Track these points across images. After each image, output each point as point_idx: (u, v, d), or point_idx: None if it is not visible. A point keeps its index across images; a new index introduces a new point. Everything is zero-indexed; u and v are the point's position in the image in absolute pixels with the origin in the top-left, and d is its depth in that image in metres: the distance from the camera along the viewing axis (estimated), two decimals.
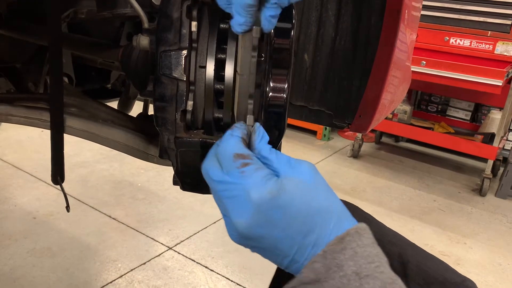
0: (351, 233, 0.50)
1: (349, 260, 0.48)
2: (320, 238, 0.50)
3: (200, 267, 2.14)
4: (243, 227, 0.49)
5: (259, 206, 0.49)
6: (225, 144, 0.53)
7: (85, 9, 0.96)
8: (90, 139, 0.93)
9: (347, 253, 0.48)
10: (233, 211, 0.50)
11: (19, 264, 2.04)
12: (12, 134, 3.40)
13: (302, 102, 1.24)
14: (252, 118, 0.58)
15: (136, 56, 0.83)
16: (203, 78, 0.62)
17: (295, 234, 0.50)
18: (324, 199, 0.52)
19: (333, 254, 0.48)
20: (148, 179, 2.95)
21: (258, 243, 0.51)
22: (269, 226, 0.49)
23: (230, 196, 0.50)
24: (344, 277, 0.47)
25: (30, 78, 1.17)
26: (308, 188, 0.51)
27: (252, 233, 0.50)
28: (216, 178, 0.51)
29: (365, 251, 0.49)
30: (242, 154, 0.51)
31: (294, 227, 0.50)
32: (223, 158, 0.52)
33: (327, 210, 0.51)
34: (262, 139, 0.55)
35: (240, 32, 0.56)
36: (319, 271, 0.48)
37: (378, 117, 1.17)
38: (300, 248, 0.50)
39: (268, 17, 0.55)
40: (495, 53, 3.06)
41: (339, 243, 0.49)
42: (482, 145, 3.26)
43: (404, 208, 2.93)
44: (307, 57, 1.20)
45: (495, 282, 2.27)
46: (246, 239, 0.51)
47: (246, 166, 0.50)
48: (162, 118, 0.64)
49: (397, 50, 1.07)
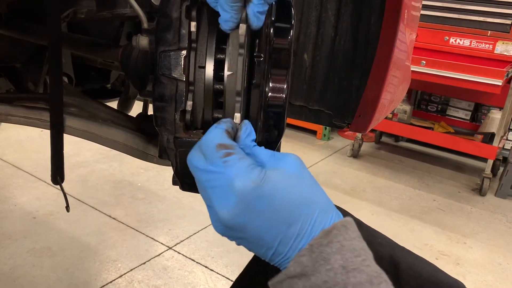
0: (337, 226, 0.50)
1: (336, 254, 0.48)
2: (304, 229, 0.50)
3: (200, 267, 2.14)
4: (227, 216, 0.49)
5: (243, 196, 0.49)
6: (208, 135, 0.53)
7: (84, 9, 0.96)
8: (89, 139, 0.93)
9: (333, 247, 0.48)
10: (217, 200, 0.50)
11: (19, 263, 2.04)
12: (12, 134, 3.40)
13: (301, 102, 1.24)
14: (239, 116, 0.58)
15: (135, 56, 0.83)
16: (203, 78, 0.62)
17: (278, 224, 0.49)
18: (308, 190, 0.52)
19: (319, 247, 0.48)
20: (148, 179, 2.95)
21: (242, 234, 0.51)
22: (252, 216, 0.49)
23: (213, 186, 0.50)
24: (331, 271, 0.47)
25: (30, 78, 1.17)
26: (293, 179, 0.51)
27: (236, 223, 0.50)
28: (200, 167, 0.51)
29: (351, 244, 0.49)
30: (225, 144, 0.52)
31: (277, 217, 0.49)
32: (206, 148, 0.52)
33: (311, 201, 0.51)
34: (248, 135, 0.55)
35: (227, 29, 0.56)
36: (306, 264, 0.48)
37: (377, 117, 1.17)
38: (283, 239, 0.50)
39: (255, 13, 0.54)
40: (495, 53, 3.06)
41: (325, 236, 0.49)
42: (482, 144, 3.26)
43: (404, 208, 2.93)
44: (307, 57, 1.20)
45: (494, 282, 2.27)
46: (230, 229, 0.51)
47: (229, 156, 0.50)
48: (162, 118, 0.64)
49: (397, 49, 1.07)
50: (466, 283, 2.41)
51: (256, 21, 0.55)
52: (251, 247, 0.52)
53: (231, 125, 0.55)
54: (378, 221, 2.70)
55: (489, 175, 3.19)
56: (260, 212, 0.49)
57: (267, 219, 0.49)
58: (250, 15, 0.55)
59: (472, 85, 2.94)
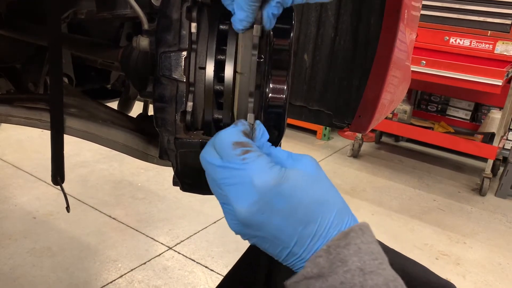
0: (355, 229, 0.50)
1: (353, 256, 0.48)
2: (321, 230, 0.50)
3: (200, 267, 2.14)
4: (245, 213, 0.49)
5: (262, 193, 0.49)
6: (223, 134, 0.53)
7: (85, 9, 0.96)
8: (89, 140, 0.93)
9: (351, 249, 0.48)
10: (235, 197, 0.50)
11: (19, 263, 2.04)
12: (12, 134, 3.40)
13: (301, 102, 1.25)
14: (252, 116, 0.58)
15: (136, 56, 0.83)
16: (203, 79, 0.62)
17: (296, 224, 0.49)
18: (325, 191, 0.52)
19: (337, 249, 0.49)
20: (148, 179, 2.95)
21: (259, 232, 0.50)
22: (271, 214, 0.49)
23: (231, 184, 0.50)
24: (348, 272, 0.47)
25: (30, 79, 1.17)
26: (311, 179, 0.51)
27: (254, 220, 0.50)
28: (217, 164, 0.51)
29: (369, 247, 0.49)
30: (242, 142, 0.51)
31: (295, 216, 0.49)
32: (221, 147, 0.51)
33: (329, 202, 0.51)
34: (262, 136, 0.55)
35: (241, 28, 0.55)
36: (323, 265, 0.48)
37: (377, 117, 1.17)
38: (300, 238, 0.50)
39: (270, 15, 0.54)
40: (495, 53, 3.06)
41: (343, 238, 0.49)
42: (482, 144, 3.26)
43: (404, 208, 2.93)
44: (307, 57, 1.20)
45: (494, 282, 2.27)
46: (246, 226, 0.51)
47: (247, 153, 0.50)
48: (162, 119, 0.64)
49: (397, 49, 1.07)
50: (466, 283, 2.41)
51: (269, 23, 0.55)
52: (266, 246, 0.52)
53: (248, 127, 0.55)
54: (378, 221, 2.71)
55: (489, 175, 3.19)
56: (278, 210, 0.49)
57: (285, 217, 0.49)
58: (265, 17, 0.54)
59: (472, 85, 2.94)
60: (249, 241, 0.53)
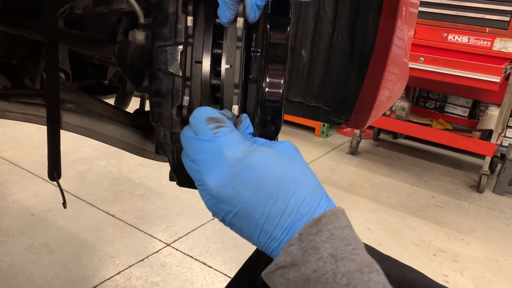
0: (327, 215, 0.49)
1: (326, 243, 0.47)
2: (291, 206, 0.49)
3: (198, 264, 2.14)
4: (216, 186, 0.50)
5: (231, 165, 0.49)
6: (199, 110, 0.54)
7: (81, 4, 0.96)
8: (86, 135, 0.93)
9: (323, 235, 0.48)
10: (206, 170, 0.50)
11: (17, 260, 2.04)
12: (10, 130, 3.39)
13: (299, 98, 1.24)
14: (237, 108, 0.58)
15: (132, 51, 0.83)
16: (199, 73, 0.62)
17: (265, 198, 0.49)
18: (298, 170, 0.52)
19: (308, 236, 0.48)
20: (146, 175, 2.95)
21: (231, 207, 0.50)
22: (240, 186, 0.49)
23: (203, 157, 0.51)
24: (320, 260, 0.47)
25: (27, 74, 1.16)
26: (284, 158, 0.52)
27: (224, 193, 0.50)
28: (192, 137, 0.52)
29: (342, 233, 0.48)
30: (215, 118, 0.52)
31: (265, 190, 0.49)
32: (196, 122, 0.52)
33: (300, 180, 0.51)
34: (246, 129, 0.55)
35: (225, 21, 0.56)
36: (295, 254, 0.48)
37: (375, 113, 1.17)
38: (270, 216, 0.49)
39: (253, 5, 0.54)
40: (493, 50, 3.06)
41: (315, 225, 0.48)
42: (480, 141, 3.26)
43: (402, 205, 2.93)
44: (305, 53, 1.20)
45: (492, 278, 2.27)
46: (219, 201, 0.51)
47: (220, 127, 0.51)
48: (158, 113, 0.64)
49: (395, 46, 1.07)
50: (464, 279, 2.42)
51: (253, 13, 0.55)
52: (240, 226, 0.52)
53: (228, 113, 0.56)
54: (376, 217, 2.71)
55: (487, 172, 3.20)
56: (248, 183, 0.49)
57: (254, 191, 0.49)
58: (248, 7, 0.54)
59: (470, 82, 2.94)
60: (224, 223, 0.53)
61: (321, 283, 0.46)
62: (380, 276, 0.47)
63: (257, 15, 0.56)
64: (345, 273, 0.46)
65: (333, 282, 0.46)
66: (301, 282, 0.47)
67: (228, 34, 0.58)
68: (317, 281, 0.46)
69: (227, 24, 0.57)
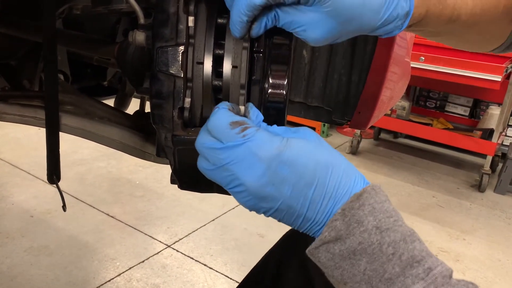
0: (367, 190, 0.51)
1: (369, 216, 0.49)
2: (329, 190, 0.51)
3: (199, 265, 2.13)
4: (256, 186, 0.50)
5: (268, 163, 0.50)
6: (216, 117, 0.53)
7: (80, 4, 0.95)
8: (86, 137, 0.91)
9: (365, 209, 0.49)
10: (243, 173, 0.50)
11: (17, 262, 2.03)
12: (9, 132, 3.38)
13: (300, 99, 1.23)
14: (243, 109, 0.58)
15: (131, 52, 0.82)
16: (201, 74, 0.61)
17: (305, 189, 0.50)
18: (328, 154, 0.53)
19: (351, 211, 0.50)
20: (146, 176, 2.94)
21: (272, 203, 0.51)
22: (279, 183, 0.50)
23: (237, 161, 0.50)
24: (365, 232, 0.48)
25: (25, 75, 1.15)
26: (312, 145, 0.52)
27: (265, 192, 0.51)
28: (218, 146, 0.51)
29: (382, 206, 0.50)
30: (238, 121, 0.52)
31: (303, 181, 0.50)
32: (218, 130, 0.52)
33: (333, 164, 0.52)
34: (257, 117, 0.56)
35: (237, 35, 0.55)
36: (340, 228, 0.49)
37: (377, 113, 1.16)
38: (311, 203, 0.51)
39: (263, 24, 0.54)
40: None
41: (356, 200, 0.50)
42: (481, 141, 3.25)
43: (403, 204, 2.92)
44: (306, 53, 1.19)
45: (494, 278, 2.26)
46: (260, 200, 0.51)
47: (246, 129, 0.51)
48: (159, 115, 0.63)
49: (396, 45, 1.06)
50: (466, 279, 2.41)
51: (257, 30, 0.55)
52: (281, 217, 0.53)
53: (230, 105, 0.56)
54: None
55: (488, 171, 3.19)
56: (286, 178, 0.50)
57: (293, 184, 0.50)
58: (253, 27, 0.55)
59: (471, 81, 2.93)
60: (264, 215, 0.54)
61: (368, 254, 0.48)
62: (422, 244, 0.49)
63: (260, 33, 0.56)
64: (390, 243, 0.48)
65: (379, 252, 0.48)
66: (347, 254, 0.49)
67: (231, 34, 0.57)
68: (363, 252, 0.48)
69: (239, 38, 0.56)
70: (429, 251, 0.49)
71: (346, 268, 0.49)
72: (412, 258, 0.48)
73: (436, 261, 0.48)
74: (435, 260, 0.48)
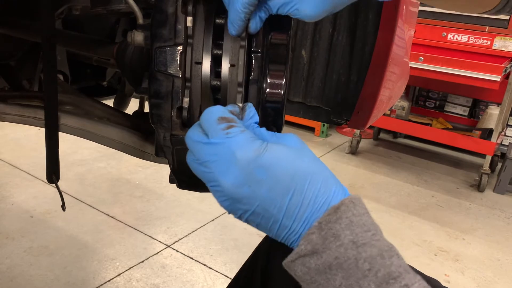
0: (345, 202, 0.50)
1: (345, 230, 0.48)
2: (307, 199, 0.50)
3: (198, 265, 2.13)
4: (231, 187, 0.50)
5: (244, 165, 0.49)
6: (210, 110, 0.53)
7: (79, 5, 0.95)
8: (85, 137, 0.92)
9: (342, 223, 0.48)
10: (220, 172, 0.50)
11: (16, 263, 2.03)
12: (9, 132, 3.38)
13: (299, 99, 1.23)
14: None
15: (130, 52, 0.82)
16: (199, 74, 0.61)
17: (281, 195, 0.50)
18: (309, 162, 0.52)
19: (328, 224, 0.48)
20: (146, 177, 2.94)
21: (248, 206, 0.51)
22: (256, 185, 0.50)
23: (215, 159, 0.51)
24: (341, 247, 0.47)
25: (25, 76, 1.15)
26: (294, 152, 0.52)
27: (241, 194, 0.50)
28: (203, 141, 0.52)
29: (360, 220, 0.49)
30: (227, 117, 0.52)
31: (280, 187, 0.50)
32: (206, 123, 0.52)
33: (313, 172, 0.51)
34: (251, 118, 0.55)
35: (235, 34, 0.56)
36: (316, 242, 0.48)
37: (376, 113, 1.16)
38: (288, 210, 0.50)
39: (257, 17, 0.55)
40: (493, 49, 3.05)
41: (334, 213, 0.49)
42: (480, 140, 3.25)
43: (402, 204, 2.93)
44: (305, 53, 1.19)
45: (493, 277, 2.27)
46: (235, 201, 0.51)
47: (231, 128, 0.51)
48: (158, 115, 0.63)
49: (395, 45, 1.06)
50: (465, 279, 2.40)
51: (254, 25, 0.56)
52: (258, 222, 0.52)
53: (235, 108, 0.56)
54: (376, 217, 2.65)
55: (488, 171, 3.19)
56: (263, 182, 0.50)
57: (269, 188, 0.50)
58: (251, 19, 0.56)
59: (470, 81, 2.93)
60: (241, 219, 0.53)
61: (343, 269, 0.47)
62: (401, 260, 0.48)
63: (259, 27, 0.56)
64: (366, 258, 0.46)
65: (355, 268, 0.46)
66: (323, 269, 0.48)
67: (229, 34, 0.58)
68: (339, 267, 0.47)
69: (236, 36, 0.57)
70: (407, 267, 0.48)
71: (322, 282, 0.48)
72: (389, 274, 0.46)
73: (413, 278, 0.47)
74: (412, 277, 0.47)
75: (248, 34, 0.58)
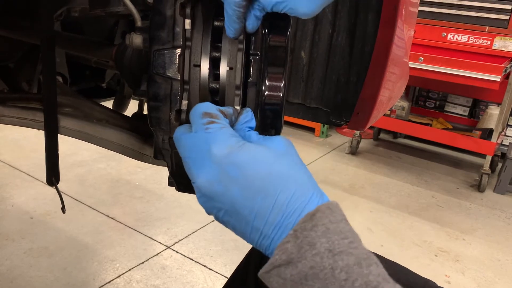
0: (321, 209, 0.47)
1: (321, 237, 0.46)
2: (280, 203, 0.48)
3: (198, 266, 2.13)
4: (204, 183, 0.50)
5: (218, 160, 0.49)
6: (198, 104, 0.54)
7: (78, 7, 0.95)
8: (84, 139, 0.92)
9: (318, 230, 0.46)
10: (196, 168, 0.50)
11: (16, 264, 2.03)
12: (8, 133, 3.38)
13: (299, 100, 1.23)
14: (238, 110, 0.58)
15: (129, 54, 0.82)
16: (198, 77, 0.61)
17: (253, 195, 0.48)
18: (288, 165, 0.50)
19: (303, 232, 0.46)
20: (146, 178, 2.94)
21: (221, 204, 0.50)
22: (228, 183, 0.49)
23: (193, 155, 0.51)
24: (317, 255, 0.45)
25: (24, 78, 1.15)
26: (273, 154, 0.50)
27: (213, 191, 0.49)
28: (184, 135, 0.52)
29: (337, 227, 0.47)
30: (211, 113, 0.52)
31: (251, 188, 0.48)
32: (191, 117, 0.53)
33: (290, 176, 0.49)
34: (246, 122, 0.55)
35: (232, 34, 0.56)
36: (291, 251, 0.46)
37: (376, 114, 1.16)
38: (258, 213, 0.48)
39: (253, 16, 0.55)
40: (493, 49, 3.05)
41: (310, 220, 0.46)
42: (480, 140, 3.25)
43: (402, 205, 2.92)
44: (304, 54, 1.19)
45: (494, 278, 2.26)
46: (209, 198, 0.50)
47: (212, 123, 0.51)
48: (156, 118, 0.63)
49: (395, 46, 1.06)
50: (466, 279, 2.40)
51: (251, 24, 0.56)
52: (232, 223, 0.51)
53: (229, 109, 0.55)
54: (376, 218, 2.70)
55: (488, 171, 3.19)
56: (234, 180, 0.48)
57: (242, 188, 0.48)
58: (247, 18, 0.55)
59: (470, 81, 2.93)
60: (218, 220, 0.52)
61: (320, 279, 0.45)
62: (379, 268, 0.46)
63: (256, 26, 0.56)
64: (343, 268, 0.44)
65: (331, 278, 0.44)
66: (299, 280, 0.45)
67: (227, 36, 0.57)
68: (315, 277, 0.45)
69: (233, 37, 0.57)
70: (387, 276, 0.46)
71: None
72: (366, 284, 0.44)
73: (393, 287, 0.45)
74: (391, 286, 0.45)
75: (246, 36, 0.58)
